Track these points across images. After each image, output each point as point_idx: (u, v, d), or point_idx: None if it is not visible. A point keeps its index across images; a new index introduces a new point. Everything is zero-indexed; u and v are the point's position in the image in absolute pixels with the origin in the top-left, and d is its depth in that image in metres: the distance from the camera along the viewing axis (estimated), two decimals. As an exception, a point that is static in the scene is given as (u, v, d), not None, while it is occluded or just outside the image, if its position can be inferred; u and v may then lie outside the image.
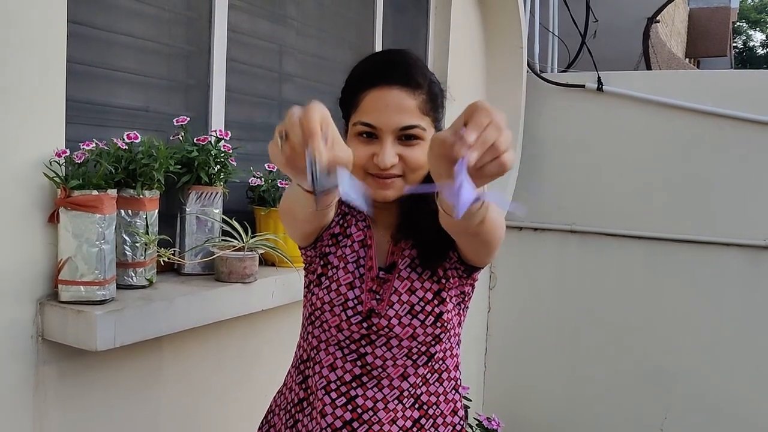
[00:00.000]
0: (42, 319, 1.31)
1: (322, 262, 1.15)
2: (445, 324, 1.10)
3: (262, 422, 1.29)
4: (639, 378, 3.23)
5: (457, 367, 1.19)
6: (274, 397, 1.29)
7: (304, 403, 1.17)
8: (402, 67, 1.07)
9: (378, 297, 1.11)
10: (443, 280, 1.12)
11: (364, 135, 1.07)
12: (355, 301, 1.11)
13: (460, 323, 1.18)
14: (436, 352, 1.12)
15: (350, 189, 0.77)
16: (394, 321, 1.09)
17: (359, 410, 1.11)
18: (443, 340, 1.12)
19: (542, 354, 3.43)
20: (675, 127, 3.14)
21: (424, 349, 1.11)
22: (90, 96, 1.54)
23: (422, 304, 1.10)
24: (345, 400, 1.11)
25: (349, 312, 1.10)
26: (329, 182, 0.77)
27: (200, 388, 1.69)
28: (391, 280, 1.12)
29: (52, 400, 1.34)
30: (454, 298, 1.13)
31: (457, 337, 1.18)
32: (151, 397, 1.56)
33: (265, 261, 1.83)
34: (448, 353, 1.16)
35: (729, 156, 3.05)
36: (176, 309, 1.43)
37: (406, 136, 1.06)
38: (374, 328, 1.10)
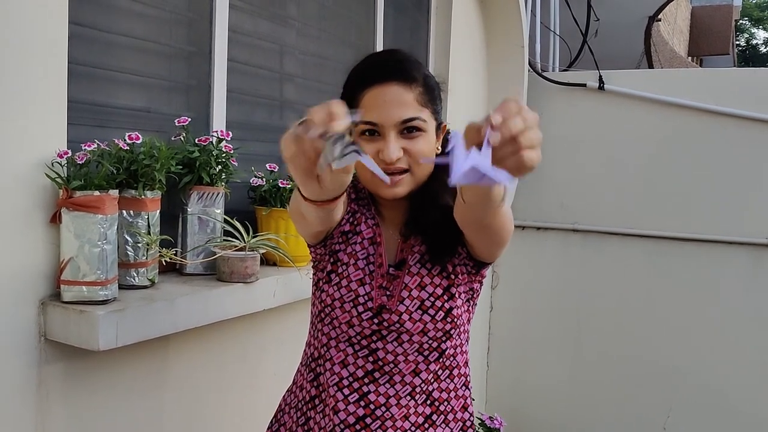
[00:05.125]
0: (44, 319, 1.31)
1: (331, 260, 1.16)
2: (455, 320, 1.12)
3: (271, 422, 1.30)
4: (642, 376, 3.22)
5: (466, 363, 1.20)
6: (284, 396, 1.29)
7: (316, 401, 1.18)
8: (396, 63, 1.10)
9: (388, 293, 1.12)
10: (452, 276, 1.13)
11: (367, 133, 1.08)
12: (366, 298, 1.12)
13: (469, 320, 1.20)
14: (446, 348, 1.13)
15: (366, 160, 0.78)
16: (405, 316, 1.10)
17: (372, 406, 1.12)
18: (453, 336, 1.13)
19: (545, 353, 3.43)
20: (677, 126, 3.14)
21: (435, 345, 1.12)
22: (91, 97, 1.54)
23: (432, 299, 1.11)
24: (357, 396, 1.12)
25: (360, 308, 1.12)
26: (348, 156, 0.77)
27: (202, 387, 1.70)
28: (401, 276, 1.13)
29: (55, 399, 1.35)
30: (463, 295, 1.15)
31: (466, 334, 1.20)
32: (154, 396, 1.56)
33: (267, 261, 1.83)
34: (458, 350, 1.17)
35: (731, 154, 3.05)
36: (178, 309, 1.43)
37: (408, 129, 1.08)
38: (385, 323, 1.11)
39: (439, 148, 1.15)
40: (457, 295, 1.13)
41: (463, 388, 1.20)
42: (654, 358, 3.20)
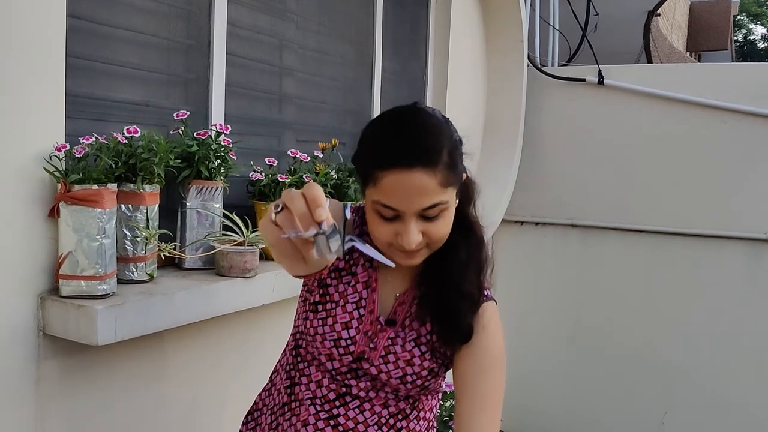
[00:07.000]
0: (43, 314, 1.31)
1: (321, 291, 1.13)
2: (430, 386, 1.14)
3: (247, 418, 1.29)
4: (640, 372, 3.23)
5: (431, 409, 1.21)
6: (260, 395, 1.29)
7: (285, 408, 1.18)
8: (419, 145, 0.99)
9: (372, 345, 1.10)
10: (441, 360, 1.12)
11: (387, 215, 1.02)
12: (348, 342, 1.10)
13: (443, 377, 1.19)
14: (418, 399, 1.16)
15: (366, 249, 0.79)
16: (384, 376, 1.11)
17: (340, 428, 1.12)
18: (428, 394, 1.17)
19: (543, 349, 3.43)
20: (676, 121, 3.14)
21: (407, 394, 1.15)
22: (90, 90, 1.53)
23: (415, 376, 1.11)
24: (328, 416, 1.13)
25: (341, 350, 1.11)
26: (336, 247, 0.77)
27: (201, 382, 1.69)
28: (389, 332, 1.11)
29: (54, 394, 1.34)
30: (443, 369, 1.14)
31: (439, 388, 1.21)
32: (152, 391, 1.56)
33: (266, 255, 1.82)
34: (426, 397, 1.18)
35: (729, 149, 3.05)
36: (177, 303, 1.43)
37: (430, 213, 1.02)
38: (363, 369, 1.11)
39: (458, 200, 1.08)
40: (440, 373, 1.13)
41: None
42: (652, 353, 3.20)
